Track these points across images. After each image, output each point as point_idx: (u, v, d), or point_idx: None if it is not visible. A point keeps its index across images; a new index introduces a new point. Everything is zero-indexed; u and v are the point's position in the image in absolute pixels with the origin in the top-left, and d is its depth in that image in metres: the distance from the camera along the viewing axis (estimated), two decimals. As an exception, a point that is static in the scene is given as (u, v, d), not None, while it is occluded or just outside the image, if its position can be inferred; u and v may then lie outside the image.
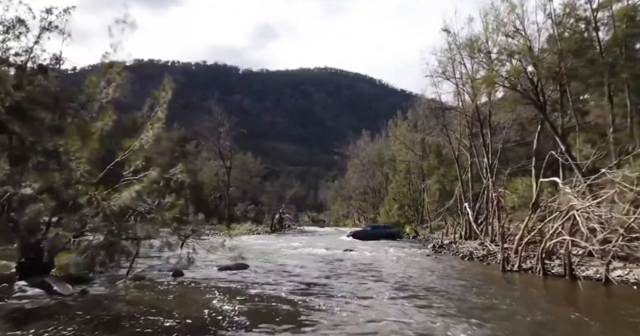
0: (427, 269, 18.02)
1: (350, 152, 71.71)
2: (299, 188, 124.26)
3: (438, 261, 21.54)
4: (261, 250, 26.05)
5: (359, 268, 18.13)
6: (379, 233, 36.03)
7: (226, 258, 16.54)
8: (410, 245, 32.18)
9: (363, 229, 39.14)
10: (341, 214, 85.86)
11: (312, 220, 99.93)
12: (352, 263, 19.82)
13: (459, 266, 19.86)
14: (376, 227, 39.32)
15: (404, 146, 49.06)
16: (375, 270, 17.39)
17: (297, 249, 27.29)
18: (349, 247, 27.49)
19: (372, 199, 65.98)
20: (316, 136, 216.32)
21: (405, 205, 49.39)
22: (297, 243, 31.66)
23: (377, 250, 27.31)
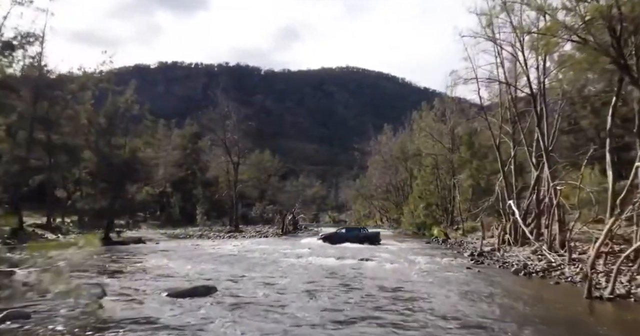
0: (476, 295, 12.18)
1: (371, 148, 65.84)
2: (319, 188, 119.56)
3: (485, 278, 15.65)
4: (255, 260, 20.55)
5: (379, 293, 12.41)
6: (353, 236, 32.01)
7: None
8: (441, 251, 26.20)
9: (336, 232, 34.75)
10: (362, 214, 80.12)
11: (333, 220, 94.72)
12: (369, 284, 14.11)
13: (517, 287, 13.95)
14: (351, 230, 34.91)
15: (430, 138, 43.02)
16: (405, 299, 11.64)
17: (301, 257, 21.70)
18: (366, 256, 21.73)
19: (395, 198, 59.97)
20: (338, 135, 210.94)
21: (432, 204, 43.33)
22: (305, 249, 26.06)
23: (401, 258, 21.52)
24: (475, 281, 14.86)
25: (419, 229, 44.57)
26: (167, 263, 18.84)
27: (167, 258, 20.65)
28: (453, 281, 14.71)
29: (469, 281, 14.79)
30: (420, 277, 15.63)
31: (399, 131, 64.40)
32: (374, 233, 33.52)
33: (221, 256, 22.04)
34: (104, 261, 19.26)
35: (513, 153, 27.24)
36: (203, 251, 25.38)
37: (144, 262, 19.11)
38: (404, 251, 25.89)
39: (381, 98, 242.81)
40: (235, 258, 21.18)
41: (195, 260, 20.39)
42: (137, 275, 15.11)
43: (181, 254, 23.10)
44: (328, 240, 31.77)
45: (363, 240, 31.06)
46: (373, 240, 31.18)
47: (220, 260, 20.52)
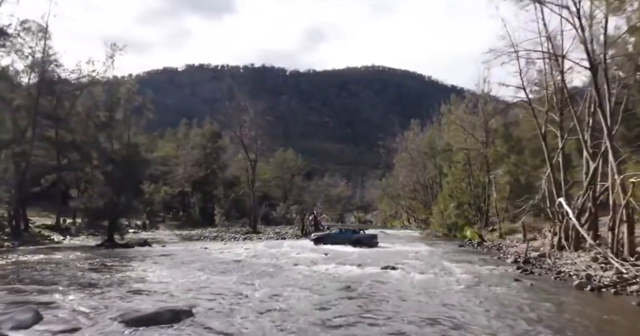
0: (542, 326, 8.79)
1: (397, 145, 62.07)
2: (344, 188, 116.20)
3: (543, 296, 12.21)
4: (260, 268, 17.48)
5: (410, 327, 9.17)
6: (346, 238, 29.46)
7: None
8: (479, 256, 22.59)
9: (329, 233, 32.32)
10: (389, 214, 76.44)
11: (358, 220, 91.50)
12: (395, 306, 10.84)
13: (590, 309, 10.50)
14: (344, 232, 31.94)
15: (462, 131, 39.22)
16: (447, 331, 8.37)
17: (315, 265, 18.52)
18: (390, 263, 18.38)
19: (423, 197, 56.11)
20: (363, 135, 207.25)
21: (464, 203, 39.49)
22: (322, 254, 22.85)
23: (432, 266, 18.12)
24: (532, 301, 11.43)
25: (449, 230, 40.83)
26: (156, 272, 15.96)
27: (161, 265, 17.81)
28: (503, 301, 11.32)
29: (524, 302, 11.35)
30: (460, 295, 12.24)
31: (427, 126, 60.50)
32: (369, 235, 30.44)
33: (224, 263, 19.08)
34: (84, 269, 16.53)
35: (561, 143, 23.38)
36: (208, 255, 22.52)
37: (131, 271, 16.30)
38: (435, 256, 22.41)
39: (406, 96, 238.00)
40: (239, 266, 18.18)
41: (192, 267, 17.49)
42: (107, 289, 12.24)
43: (181, 259, 20.26)
44: (320, 242, 29.41)
45: (356, 243, 28.36)
46: (367, 244, 28.33)
47: (221, 267, 17.54)
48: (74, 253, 22.64)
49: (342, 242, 28.51)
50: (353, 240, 28.75)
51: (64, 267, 16.86)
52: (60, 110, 34.27)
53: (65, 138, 35.21)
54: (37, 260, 19.27)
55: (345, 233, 31.13)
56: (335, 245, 27.97)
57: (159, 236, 39.03)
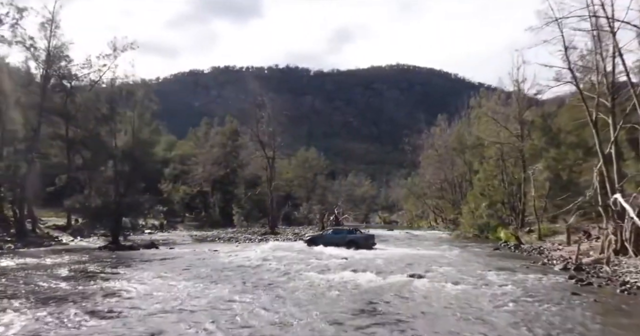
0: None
1: (423, 141, 58.80)
2: (369, 187, 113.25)
3: (618, 320, 9.40)
4: (266, 276, 15.11)
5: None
6: (340, 239, 27.30)
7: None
8: (519, 262, 19.61)
9: (322, 233, 30.40)
10: (415, 214, 73.11)
11: (383, 221, 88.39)
12: (425, 327, 8.26)
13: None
14: (339, 232, 29.69)
15: (494, 124, 35.99)
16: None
17: (330, 272, 16.00)
18: (417, 270, 15.68)
19: (452, 196, 52.78)
20: (388, 134, 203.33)
21: (497, 202, 36.27)
22: (339, 260, 20.25)
23: (466, 274, 15.36)
24: (603, 326, 8.65)
25: (481, 231, 37.60)
26: (142, 281, 13.71)
27: (153, 273, 15.60)
28: (566, 325, 8.58)
29: (594, 327, 8.59)
30: (508, 316, 9.54)
31: (454, 121, 57.10)
32: (365, 236, 28.29)
33: (226, 269, 16.77)
34: (59, 277, 14.47)
35: (615, 133, 20.20)
36: (213, 259, 20.28)
37: (113, 279, 14.10)
38: (468, 261, 19.57)
39: (432, 95, 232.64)
40: (241, 273, 15.82)
41: (187, 274, 15.23)
42: (64, 307, 10.04)
43: (181, 265, 18.05)
44: (313, 243, 27.52)
45: (350, 244, 26.23)
46: (362, 245, 26.22)
47: (220, 275, 15.22)
48: (70, 256, 20.78)
49: (337, 243, 26.51)
50: (347, 241, 26.72)
51: (40, 274, 14.88)
52: (70, 107, 32.61)
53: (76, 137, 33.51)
54: (21, 264, 17.43)
55: (340, 233, 28.91)
56: (330, 246, 25.99)
57: (173, 237, 37.18)
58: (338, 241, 26.93)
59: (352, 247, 25.74)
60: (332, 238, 27.84)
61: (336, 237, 27.97)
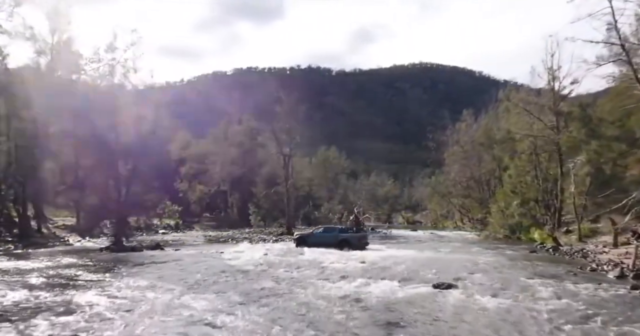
0: None
1: (447, 138, 55.70)
2: (391, 186, 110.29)
3: None
4: (270, 284, 12.93)
5: None
6: (331, 238, 25.17)
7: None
8: (562, 267, 16.90)
9: (312, 232, 27.86)
10: (439, 214, 69.89)
11: (406, 221, 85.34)
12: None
13: None
14: (330, 230, 27.24)
15: (526, 115, 32.95)
16: None
17: (345, 280, 13.70)
18: (446, 278, 13.20)
19: (479, 194, 49.59)
20: (412, 133, 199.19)
21: (530, 200, 33.26)
22: (358, 263, 17.88)
23: (505, 284, 12.82)
24: None
25: (512, 232, 34.62)
26: (122, 290, 11.72)
27: (142, 278, 13.63)
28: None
29: None
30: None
31: (481, 116, 53.80)
32: (357, 236, 26.23)
33: (225, 273, 14.68)
34: (33, 286, 12.55)
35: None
36: (216, 262, 18.22)
37: (93, 287, 12.21)
38: (504, 267, 16.93)
39: (457, 93, 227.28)
40: (246, 278, 13.77)
41: (179, 280, 13.22)
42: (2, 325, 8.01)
43: (177, 269, 16.06)
44: (302, 243, 25.55)
45: (342, 244, 24.29)
46: (355, 245, 24.27)
47: (217, 281, 13.18)
48: (63, 259, 19.03)
49: (327, 243, 24.44)
50: (339, 241, 24.64)
51: (10, 281, 12.98)
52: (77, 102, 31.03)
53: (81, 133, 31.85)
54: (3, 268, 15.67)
55: (331, 232, 26.48)
56: (320, 246, 23.99)
57: (185, 238, 35.47)
58: (329, 240, 24.87)
59: (345, 247, 23.83)
60: (323, 237, 25.71)
61: (327, 236, 25.79)
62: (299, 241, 26.11)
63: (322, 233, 26.56)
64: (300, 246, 25.19)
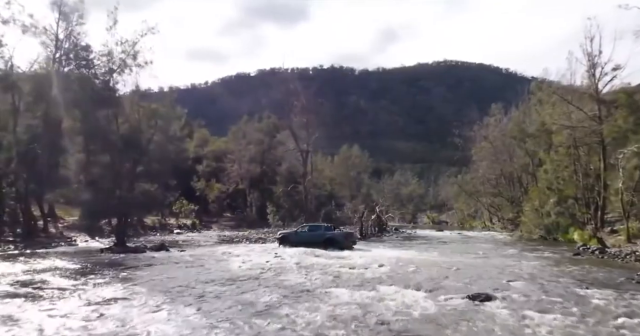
0: None
1: (475, 133, 52.71)
2: (416, 186, 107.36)
3: None
4: (276, 293, 10.81)
5: None
6: (316, 237, 23.73)
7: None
8: (618, 273, 14.27)
9: (296, 230, 26.02)
10: (467, 214, 66.84)
11: (432, 221, 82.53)
12: None
13: None
14: (315, 229, 25.54)
15: (564, 104, 29.96)
16: None
17: (363, 288, 11.50)
18: (482, 290, 10.77)
19: (510, 192, 46.54)
20: (436, 132, 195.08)
21: (568, 197, 30.38)
22: (380, 266, 15.62)
23: (555, 296, 10.38)
24: None
25: (548, 232, 31.79)
26: (90, 305, 9.76)
27: (123, 289, 11.65)
28: None
29: None
30: None
31: (511, 111, 50.63)
32: (343, 234, 24.63)
33: (223, 280, 12.65)
34: None
35: None
36: (219, 266, 16.23)
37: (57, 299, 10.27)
38: (548, 274, 14.40)
39: (483, 91, 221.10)
40: (244, 286, 11.69)
41: (165, 290, 11.24)
42: None
43: (171, 274, 14.13)
44: (285, 242, 24.12)
45: (328, 243, 22.85)
46: (341, 244, 22.88)
47: (221, 289, 11.24)
48: (53, 260, 17.36)
49: (312, 242, 22.97)
50: (324, 240, 23.20)
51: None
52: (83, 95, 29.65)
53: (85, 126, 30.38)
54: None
55: (317, 230, 24.88)
56: (304, 246, 22.50)
57: (199, 238, 33.78)
58: (314, 239, 23.39)
59: (330, 246, 22.40)
60: (307, 236, 24.19)
61: (312, 234, 24.27)
62: (282, 240, 24.55)
63: (307, 232, 24.98)
64: (283, 245, 23.81)
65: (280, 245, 24.03)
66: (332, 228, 25.64)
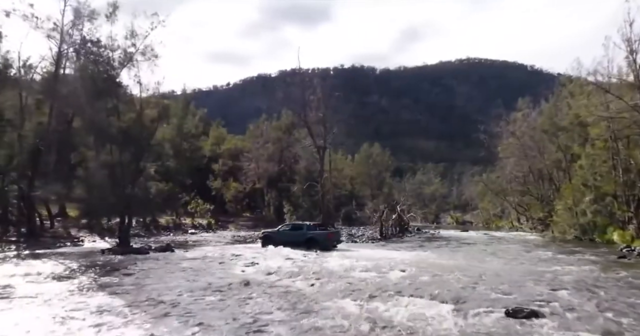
0: None
1: (501, 129, 49.97)
2: (439, 185, 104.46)
3: None
4: (265, 305, 9.07)
5: None
6: (298, 236, 22.57)
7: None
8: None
9: (278, 230, 24.77)
10: (492, 214, 63.90)
11: (455, 221, 79.73)
12: None
13: None
14: (297, 227, 24.30)
15: (602, 94, 27.42)
16: None
17: (376, 298, 9.69)
18: (523, 304, 8.81)
19: (540, 190, 43.78)
20: (459, 131, 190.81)
21: (607, 195, 27.83)
22: (397, 271, 13.76)
23: (617, 310, 8.33)
24: None
25: (583, 233, 29.28)
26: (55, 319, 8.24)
27: (105, 296, 10.15)
28: None
29: None
30: None
31: (539, 106, 47.76)
32: (325, 234, 23.22)
33: (219, 288, 11.00)
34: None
35: None
36: (222, 269, 14.66)
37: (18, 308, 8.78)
38: (594, 278, 12.32)
39: (508, 88, 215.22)
40: (242, 296, 10.00)
41: (151, 300, 9.64)
42: None
43: (165, 280, 12.58)
44: (267, 241, 23.32)
45: (310, 243, 21.70)
46: (322, 244, 21.63)
47: (202, 301, 9.53)
48: (50, 262, 16.23)
49: (294, 242, 22.00)
50: (306, 239, 22.07)
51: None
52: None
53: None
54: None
55: (299, 229, 23.64)
56: (286, 246, 21.69)
57: (212, 238, 32.45)
58: (295, 238, 22.35)
59: (312, 246, 21.28)
60: (289, 235, 23.12)
61: (293, 233, 23.17)
62: (265, 240, 23.70)
63: (288, 231, 23.88)
64: (265, 245, 22.86)
65: (264, 246, 23.00)
66: (317, 227, 24.41)
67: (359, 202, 65.30)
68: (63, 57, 27.57)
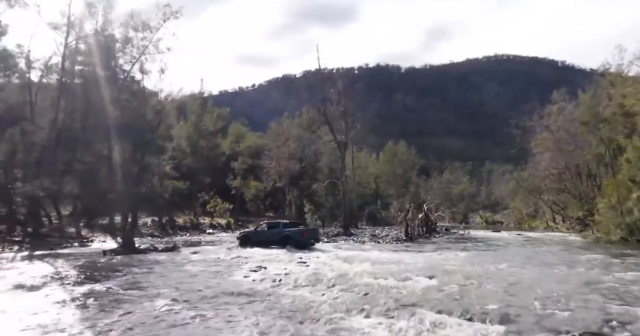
0: None
1: (535, 123, 46.78)
2: (467, 185, 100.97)
3: None
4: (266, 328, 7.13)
5: None
6: (274, 235, 22.07)
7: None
8: None
9: (256, 229, 24.94)
10: (525, 213, 60.53)
11: (485, 221, 76.59)
12: None
13: None
14: (274, 226, 23.84)
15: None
16: None
17: (392, 311, 7.66)
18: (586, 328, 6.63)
19: (579, 187, 40.60)
20: (487, 129, 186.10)
21: (658, 192, 25.01)
22: (424, 278, 11.67)
23: None
24: None
25: (631, 233, 26.36)
26: None
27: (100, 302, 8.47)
28: None
29: None
30: None
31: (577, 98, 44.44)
32: (300, 231, 22.33)
33: (215, 297, 9.19)
34: None
35: None
36: (222, 275, 12.89)
37: None
38: None
39: (537, 85, 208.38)
40: (237, 310, 8.13)
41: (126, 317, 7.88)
42: None
43: (156, 283, 10.87)
44: (245, 242, 22.64)
45: (285, 240, 21.17)
46: (297, 242, 20.92)
47: (187, 313, 7.69)
48: (46, 264, 15.02)
49: (270, 241, 21.67)
50: (282, 237, 21.44)
51: None
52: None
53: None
54: None
55: (275, 228, 23.08)
56: (263, 245, 21.30)
57: (227, 238, 30.92)
58: (271, 237, 21.96)
59: (287, 244, 20.77)
60: (266, 234, 22.76)
61: (269, 232, 22.71)
62: (243, 240, 23.01)
63: (264, 231, 23.36)
64: (244, 246, 22.13)
65: (242, 246, 22.15)
66: (293, 225, 23.57)
67: (384, 201, 63.21)
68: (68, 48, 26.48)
